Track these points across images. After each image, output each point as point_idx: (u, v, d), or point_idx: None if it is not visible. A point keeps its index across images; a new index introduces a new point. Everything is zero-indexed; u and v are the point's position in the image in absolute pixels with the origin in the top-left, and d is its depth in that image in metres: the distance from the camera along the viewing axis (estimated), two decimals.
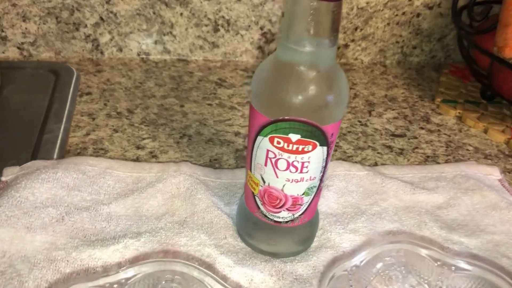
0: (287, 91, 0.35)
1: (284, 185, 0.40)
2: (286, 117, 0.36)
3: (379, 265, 0.43)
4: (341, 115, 0.38)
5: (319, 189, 0.43)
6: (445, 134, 0.72)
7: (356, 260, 0.43)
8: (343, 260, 0.45)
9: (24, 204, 0.47)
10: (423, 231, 0.51)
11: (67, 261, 0.44)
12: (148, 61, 0.82)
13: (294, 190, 0.41)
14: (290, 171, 0.40)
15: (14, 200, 0.47)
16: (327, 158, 0.41)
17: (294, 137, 0.37)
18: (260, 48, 0.84)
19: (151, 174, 0.55)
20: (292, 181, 0.40)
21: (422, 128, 0.73)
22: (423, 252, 0.44)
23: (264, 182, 0.41)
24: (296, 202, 0.42)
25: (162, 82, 0.76)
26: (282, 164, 0.39)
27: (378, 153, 0.66)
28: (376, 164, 0.63)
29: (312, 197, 0.43)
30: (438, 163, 0.65)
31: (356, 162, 0.63)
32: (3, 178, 0.52)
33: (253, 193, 0.43)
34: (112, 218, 0.49)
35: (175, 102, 0.72)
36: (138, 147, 0.61)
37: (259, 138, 0.39)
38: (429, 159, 0.66)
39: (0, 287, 0.41)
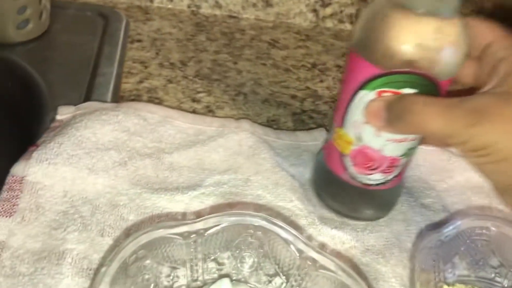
0: (410, 40, 0.32)
1: (384, 146, 0.37)
2: (404, 69, 0.32)
3: (463, 242, 0.40)
4: (457, 71, 0.35)
5: (416, 149, 0.40)
6: None
7: (441, 234, 0.40)
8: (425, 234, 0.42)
9: (85, 144, 0.44)
10: (494, 213, 0.49)
11: (130, 207, 0.41)
12: (198, 14, 0.78)
13: (394, 151, 0.38)
14: None
15: (75, 139, 0.44)
16: None
17: (408, 92, 0.33)
18: (315, 11, 0.80)
19: (212, 128, 0.52)
20: (394, 141, 0.37)
21: None
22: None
23: (359, 141, 0.38)
24: (393, 164, 0.39)
25: (213, 37, 0.72)
26: None
27: None
28: None
29: (409, 159, 0.40)
30: None
31: None
32: (58, 117, 0.49)
33: (341, 153, 0.40)
34: (174, 168, 0.46)
35: (228, 58, 0.68)
36: (193, 100, 0.58)
37: (362, 92, 0.35)
38: None
39: (62, 226, 0.38)
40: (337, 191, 0.43)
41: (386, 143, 0.37)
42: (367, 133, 0.37)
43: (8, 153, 0.45)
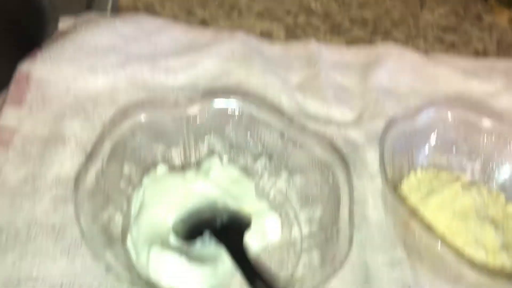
0: None
1: None
2: None
3: (435, 129, 0.43)
4: None
5: None
6: (496, 32, 0.70)
7: (414, 120, 0.43)
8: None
9: (86, 47, 0.47)
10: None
11: (129, 105, 0.45)
12: None
13: None
14: None
15: (76, 42, 0.47)
16: None
17: None
18: None
19: (206, 37, 0.54)
20: None
21: (473, 26, 0.71)
22: (483, 123, 0.43)
23: None
24: None
25: None
26: None
27: (429, 44, 0.64)
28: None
29: None
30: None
31: None
32: (60, 26, 0.51)
33: None
34: (169, 71, 0.49)
35: None
36: (189, 13, 0.60)
37: None
38: (480, 55, 0.64)
39: (67, 117, 0.42)
40: None
41: None
42: None
43: (13, 61, 0.48)
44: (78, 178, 0.32)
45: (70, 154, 0.39)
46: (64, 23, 0.52)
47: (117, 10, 0.58)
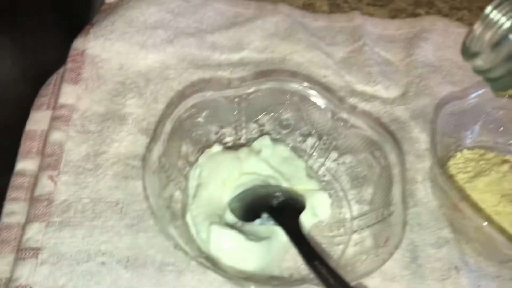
0: None
1: None
2: None
3: (484, 111, 0.43)
4: None
5: None
6: None
7: (463, 101, 0.43)
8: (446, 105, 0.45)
9: (135, 23, 0.48)
10: None
11: (179, 81, 0.46)
12: None
13: None
14: None
15: (125, 18, 0.47)
16: None
17: None
18: None
19: (250, 10, 0.54)
20: None
21: None
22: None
23: None
24: None
25: None
26: None
27: (474, 15, 0.63)
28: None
29: None
30: None
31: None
32: (107, 0, 0.52)
33: None
34: (216, 47, 0.49)
35: None
36: None
37: None
38: None
39: (122, 94, 0.43)
40: None
41: None
42: None
43: (64, 33, 0.49)
44: (144, 158, 0.33)
45: (128, 131, 0.41)
46: None
47: None
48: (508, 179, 0.40)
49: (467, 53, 0.31)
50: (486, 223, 0.34)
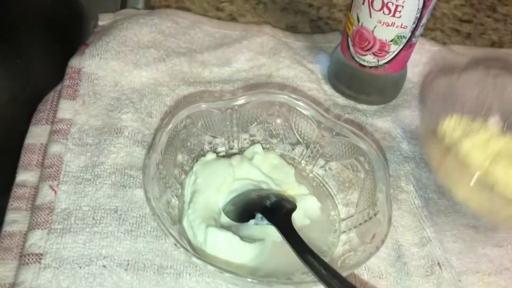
0: None
1: (375, 27, 0.44)
2: None
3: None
4: None
5: (408, 42, 0.46)
6: (511, 23, 0.72)
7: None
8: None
9: (129, 43, 0.50)
10: None
11: (171, 96, 0.48)
12: None
13: (383, 34, 0.45)
14: (383, 13, 0.43)
15: (120, 38, 0.50)
16: (422, 11, 0.43)
17: None
18: None
19: (236, 32, 0.57)
20: (383, 24, 0.44)
21: (488, 17, 0.73)
22: None
23: (358, 21, 0.46)
24: (383, 47, 0.45)
25: None
26: (377, 4, 0.43)
27: (446, 35, 0.67)
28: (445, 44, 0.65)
29: (400, 48, 0.46)
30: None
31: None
32: (100, 23, 0.55)
33: (347, 34, 0.48)
34: (206, 65, 0.52)
35: None
36: (217, 9, 0.63)
37: None
38: (496, 45, 0.67)
39: (117, 109, 0.45)
40: (348, 77, 0.51)
41: (376, 24, 0.44)
42: (363, 14, 0.45)
43: (59, 54, 0.51)
44: (144, 166, 0.35)
45: (124, 143, 0.42)
46: (103, 19, 0.55)
47: (149, 6, 0.61)
48: (495, 140, 0.43)
49: None
50: (474, 176, 0.37)
